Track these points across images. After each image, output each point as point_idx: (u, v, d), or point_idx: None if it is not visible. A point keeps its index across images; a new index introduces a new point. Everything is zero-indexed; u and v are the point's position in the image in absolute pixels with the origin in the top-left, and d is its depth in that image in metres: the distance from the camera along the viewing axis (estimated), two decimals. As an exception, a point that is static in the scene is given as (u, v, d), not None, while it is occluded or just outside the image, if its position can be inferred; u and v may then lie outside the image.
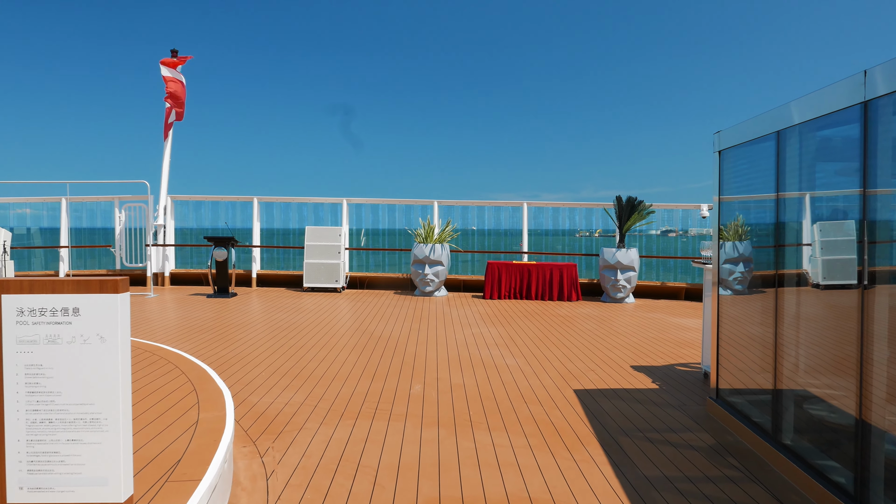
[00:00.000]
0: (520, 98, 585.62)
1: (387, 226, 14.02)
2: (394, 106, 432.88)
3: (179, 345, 7.19)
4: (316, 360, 6.54)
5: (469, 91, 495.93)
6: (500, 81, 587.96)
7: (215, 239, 11.91)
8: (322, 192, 13.24)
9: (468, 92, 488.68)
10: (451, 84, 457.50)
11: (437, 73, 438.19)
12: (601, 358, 6.85)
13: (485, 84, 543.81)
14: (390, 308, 10.62)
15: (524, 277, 12.17)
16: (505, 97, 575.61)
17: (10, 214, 14.17)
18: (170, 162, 14.01)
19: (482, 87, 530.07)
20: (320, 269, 12.86)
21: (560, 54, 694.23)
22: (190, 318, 9.26)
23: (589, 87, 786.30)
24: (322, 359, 6.59)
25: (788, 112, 3.66)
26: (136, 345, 6.40)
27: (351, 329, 8.47)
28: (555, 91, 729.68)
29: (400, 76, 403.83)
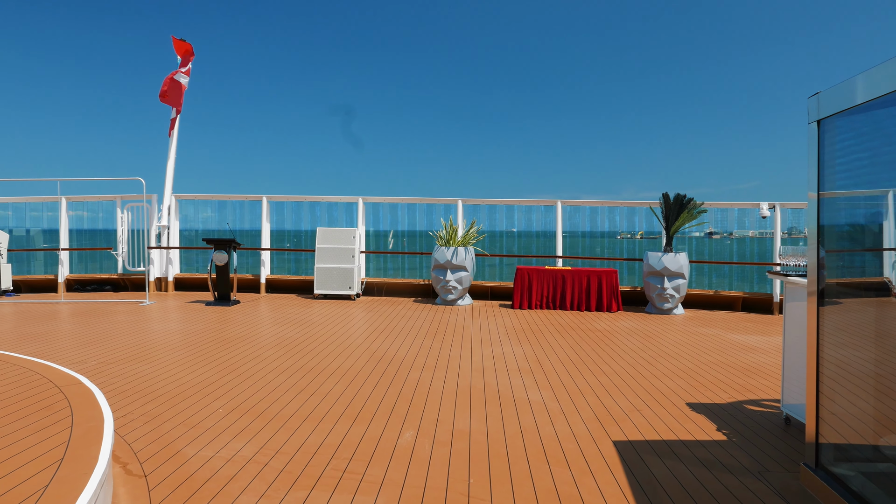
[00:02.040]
0: (553, 97, 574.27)
1: (406, 227, 12.81)
2: (418, 103, 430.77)
3: (130, 366, 6.07)
4: (293, 391, 5.33)
5: (498, 88, 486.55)
6: (532, 80, 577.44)
7: (215, 241, 10.86)
8: (337, 192, 12.02)
9: (497, 89, 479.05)
10: (483, 81, 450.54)
11: (468, 70, 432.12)
12: (648, 390, 5.50)
13: (515, 82, 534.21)
14: (404, 320, 9.39)
15: (558, 285, 10.82)
16: (538, 96, 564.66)
17: (9, 215, 13.38)
18: (175, 159, 13.04)
19: (514, 84, 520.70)
20: (332, 275, 11.71)
21: (602, 53, 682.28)
22: (169, 332, 8.17)
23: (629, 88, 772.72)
24: (301, 389, 5.38)
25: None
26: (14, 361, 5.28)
27: (351, 347, 7.25)
28: (592, 90, 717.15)
29: (427, 71, 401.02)
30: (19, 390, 4.35)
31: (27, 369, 4.84)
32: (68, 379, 4.26)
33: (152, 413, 4.63)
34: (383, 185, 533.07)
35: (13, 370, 4.83)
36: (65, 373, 4.46)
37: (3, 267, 12.38)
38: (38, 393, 4.15)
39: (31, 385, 4.38)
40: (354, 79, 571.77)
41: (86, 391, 3.89)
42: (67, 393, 3.94)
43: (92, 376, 5.72)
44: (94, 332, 8.20)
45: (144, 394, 5.17)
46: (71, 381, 4.18)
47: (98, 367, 6.09)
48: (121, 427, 4.29)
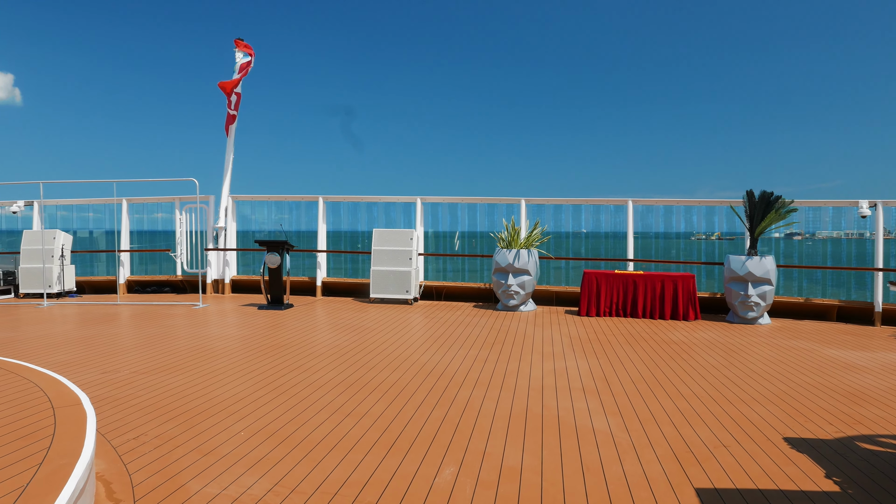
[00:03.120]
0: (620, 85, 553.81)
1: (466, 228, 12.19)
2: (473, 97, 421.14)
3: (162, 378, 5.67)
4: (328, 410, 4.79)
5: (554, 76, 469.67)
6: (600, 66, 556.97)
7: (267, 243, 10.53)
8: (395, 192, 11.53)
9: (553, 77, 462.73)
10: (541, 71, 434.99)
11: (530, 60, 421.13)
12: (736, 419, 4.68)
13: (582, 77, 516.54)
14: (461, 327, 8.77)
15: (629, 290, 9.98)
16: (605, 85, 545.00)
17: (74, 217, 13.51)
18: (233, 159, 12.84)
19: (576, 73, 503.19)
20: (389, 278, 11.21)
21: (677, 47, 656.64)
22: (214, 338, 7.81)
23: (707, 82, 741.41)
24: (337, 408, 4.83)
25: None
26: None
27: (401, 358, 6.69)
28: (665, 85, 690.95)
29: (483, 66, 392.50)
30: (4, 411, 3.96)
31: (33, 384, 4.47)
32: (69, 398, 3.84)
33: (168, 435, 4.17)
34: (442, 184, 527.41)
35: (13, 384, 4.48)
36: (69, 390, 4.05)
37: (66, 268, 12.47)
38: (24, 414, 3.74)
39: (22, 404, 3.99)
40: (404, 76, 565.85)
41: (79, 415, 3.43)
42: (59, 417, 3.50)
43: (118, 389, 5.35)
44: (139, 337, 7.94)
45: (167, 410, 4.74)
46: (70, 402, 3.75)
47: (127, 379, 5.73)
48: (129, 451, 3.84)
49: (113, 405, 4.86)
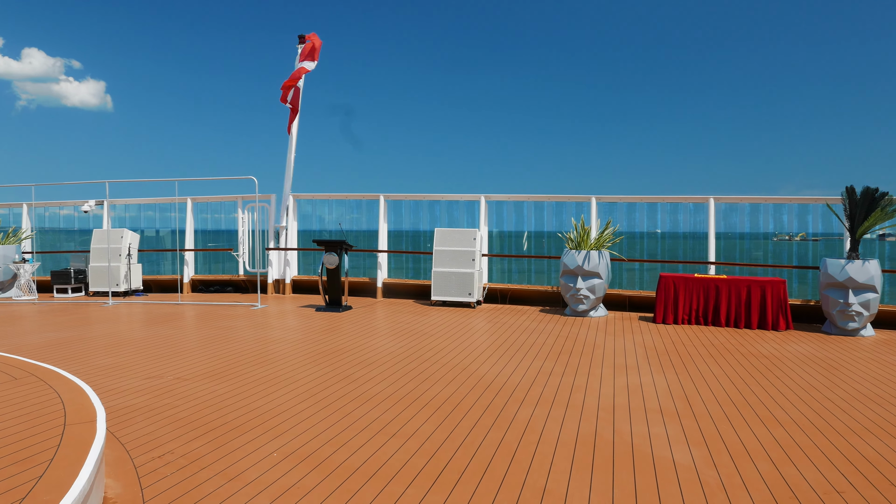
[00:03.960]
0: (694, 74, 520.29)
1: (533, 227, 11.58)
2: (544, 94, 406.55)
3: (204, 385, 5.35)
4: (372, 428, 4.32)
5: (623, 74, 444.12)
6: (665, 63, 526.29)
7: (325, 243, 10.22)
8: (458, 189, 11.08)
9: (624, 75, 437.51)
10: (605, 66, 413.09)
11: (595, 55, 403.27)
12: (847, 454, 3.95)
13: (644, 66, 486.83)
14: (526, 333, 8.19)
15: (710, 296, 9.15)
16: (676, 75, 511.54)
17: (142, 216, 13.64)
18: (294, 157, 12.65)
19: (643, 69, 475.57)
20: (451, 280, 10.73)
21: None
22: (266, 342, 7.51)
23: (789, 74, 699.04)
24: (383, 427, 4.36)
25: None
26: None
27: (458, 368, 6.18)
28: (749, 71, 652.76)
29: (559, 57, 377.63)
30: (24, 426, 3.66)
31: (56, 394, 4.19)
32: (85, 414, 3.50)
33: (195, 454, 3.80)
34: (507, 181, 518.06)
35: (35, 394, 4.20)
36: (90, 404, 3.72)
37: (133, 267, 12.56)
38: (32, 433, 3.42)
39: (34, 419, 3.68)
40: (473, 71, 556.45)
41: (86, 437, 3.07)
42: (66, 437, 3.14)
43: (156, 398, 5.06)
44: (191, 339, 7.73)
45: (201, 423, 4.38)
46: (85, 419, 3.40)
47: (169, 386, 5.44)
48: (150, 473, 3.48)
49: (147, 416, 4.55)
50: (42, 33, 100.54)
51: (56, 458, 2.79)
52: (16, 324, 9.12)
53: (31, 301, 12.00)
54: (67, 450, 2.88)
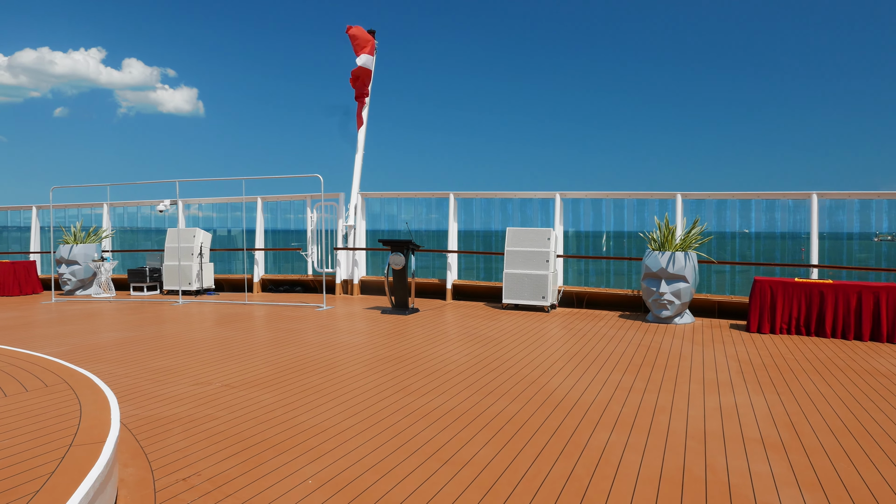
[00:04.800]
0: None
1: (612, 227, 10.82)
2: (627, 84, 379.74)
3: (250, 394, 4.98)
4: (422, 453, 3.82)
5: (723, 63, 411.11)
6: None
7: (391, 243, 9.82)
8: (532, 187, 10.48)
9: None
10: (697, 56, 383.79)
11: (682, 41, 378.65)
12: None
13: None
14: (603, 342, 7.51)
15: (813, 302, 8.18)
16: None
17: (213, 217, 13.70)
18: (363, 155, 12.35)
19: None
20: (523, 282, 10.13)
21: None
22: (324, 346, 7.15)
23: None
24: (435, 451, 3.85)
25: None
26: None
27: (526, 381, 5.61)
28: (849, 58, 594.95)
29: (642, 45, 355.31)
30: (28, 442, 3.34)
31: (77, 406, 3.88)
32: (98, 433, 3.14)
33: (225, 477, 3.40)
34: (583, 178, 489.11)
35: (59, 402, 3.91)
36: (107, 419, 3.38)
37: (205, 266, 12.59)
38: (36, 452, 3.10)
39: (48, 432, 3.37)
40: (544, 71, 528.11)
41: (85, 460, 2.69)
42: (67, 459, 2.78)
43: (198, 407, 4.73)
44: (250, 342, 7.47)
45: (239, 439, 4.00)
46: (95, 438, 3.04)
47: (214, 394, 5.13)
48: (169, 499, 3.10)
49: (184, 427, 4.22)
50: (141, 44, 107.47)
51: (43, 489, 2.42)
52: (85, 322, 9.17)
53: (107, 299, 12.20)
54: (62, 477, 2.51)
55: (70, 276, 12.98)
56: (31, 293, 13.48)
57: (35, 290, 13.63)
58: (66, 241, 13.10)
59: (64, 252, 12.95)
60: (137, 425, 4.29)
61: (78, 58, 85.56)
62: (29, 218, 14.81)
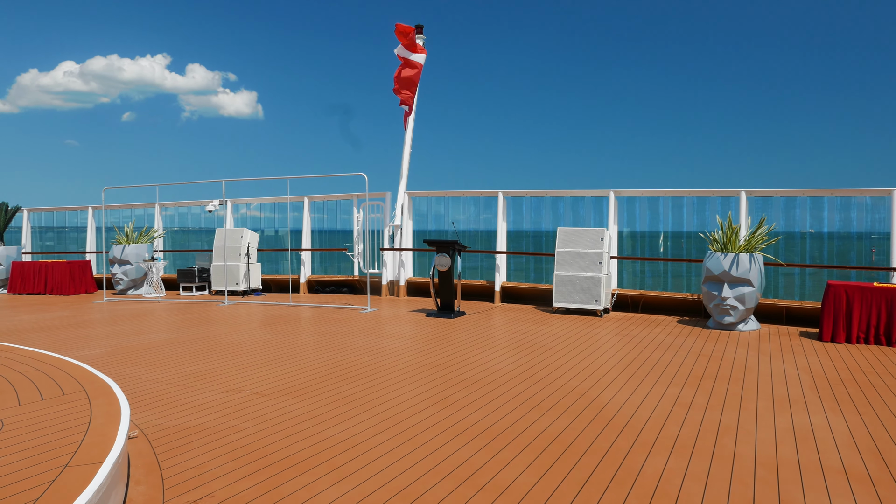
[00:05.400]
0: None
1: (670, 227, 10.24)
2: (677, 79, 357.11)
3: (279, 403, 4.71)
4: (454, 478, 3.47)
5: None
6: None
7: (437, 243, 9.50)
8: (584, 185, 10.01)
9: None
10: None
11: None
12: None
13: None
14: (660, 350, 7.01)
15: (895, 310, 7.47)
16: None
17: (262, 217, 13.66)
18: (410, 153, 12.08)
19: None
20: (574, 285, 9.66)
21: None
22: (363, 351, 6.87)
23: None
24: (469, 475, 3.49)
25: None
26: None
27: (575, 393, 5.18)
28: None
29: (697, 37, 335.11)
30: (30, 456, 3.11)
31: (86, 418, 3.67)
32: (98, 452, 2.89)
33: (239, 499, 3.12)
34: (640, 175, 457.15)
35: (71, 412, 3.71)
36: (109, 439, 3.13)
37: (252, 266, 12.53)
38: (39, 469, 2.86)
39: (50, 451, 3.14)
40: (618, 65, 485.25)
41: (74, 486, 2.44)
42: (59, 484, 2.53)
43: (223, 418, 4.49)
44: (288, 346, 7.26)
45: (260, 455, 3.73)
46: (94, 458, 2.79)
47: (243, 403, 4.89)
48: (175, 526, 2.83)
49: (206, 440, 3.97)
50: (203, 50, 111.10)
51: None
52: (130, 322, 9.16)
53: (156, 298, 12.26)
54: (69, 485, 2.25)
55: (122, 276, 13.13)
56: (85, 292, 13.71)
57: (89, 290, 13.86)
58: (119, 241, 13.27)
59: (117, 252, 13.11)
60: (159, 436, 4.07)
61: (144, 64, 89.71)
62: (86, 218, 15.09)
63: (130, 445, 3.89)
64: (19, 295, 13.50)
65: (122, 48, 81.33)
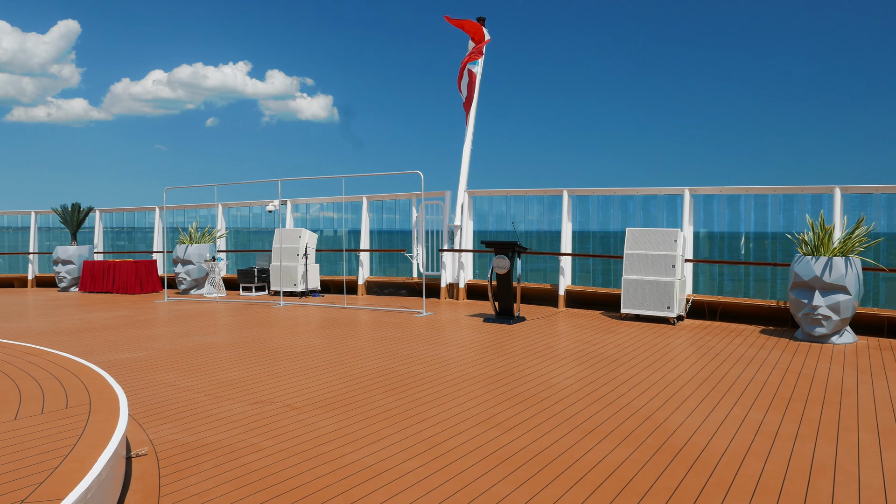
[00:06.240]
0: None
1: (752, 227, 9.35)
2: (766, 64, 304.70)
3: (308, 417, 4.29)
4: (488, 496, 2.94)
5: None
6: None
7: (495, 244, 8.96)
8: (656, 182, 9.22)
9: None
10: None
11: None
12: None
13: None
14: (740, 365, 6.25)
15: None
16: None
17: (320, 217, 13.45)
18: (470, 150, 11.59)
19: None
20: (645, 289, 8.92)
21: None
22: (411, 360, 6.42)
23: None
24: (494, 503, 2.96)
25: None
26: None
27: (637, 416, 4.56)
28: None
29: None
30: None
31: (80, 430, 3.32)
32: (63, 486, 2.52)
33: (232, 540, 2.70)
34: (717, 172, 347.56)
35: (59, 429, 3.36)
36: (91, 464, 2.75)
37: (310, 267, 12.33)
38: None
39: (19, 480, 2.78)
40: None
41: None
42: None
43: (242, 435, 4.11)
44: (333, 352, 6.89)
45: (274, 482, 3.31)
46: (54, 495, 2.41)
47: (271, 417, 4.51)
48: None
49: (219, 461, 3.59)
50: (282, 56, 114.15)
51: None
52: (183, 324, 9.04)
53: (216, 299, 12.22)
54: None
55: (185, 276, 13.19)
56: (150, 291, 13.86)
57: (155, 289, 14.01)
58: (182, 241, 13.34)
59: (180, 252, 13.18)
60: (171, 454, 3.73)
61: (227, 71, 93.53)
62: (154, 219, 15.31)
63: (135, 465, 3.56)
64: (89, 293, 13.78)
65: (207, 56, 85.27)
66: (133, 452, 3.70)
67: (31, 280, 15.82)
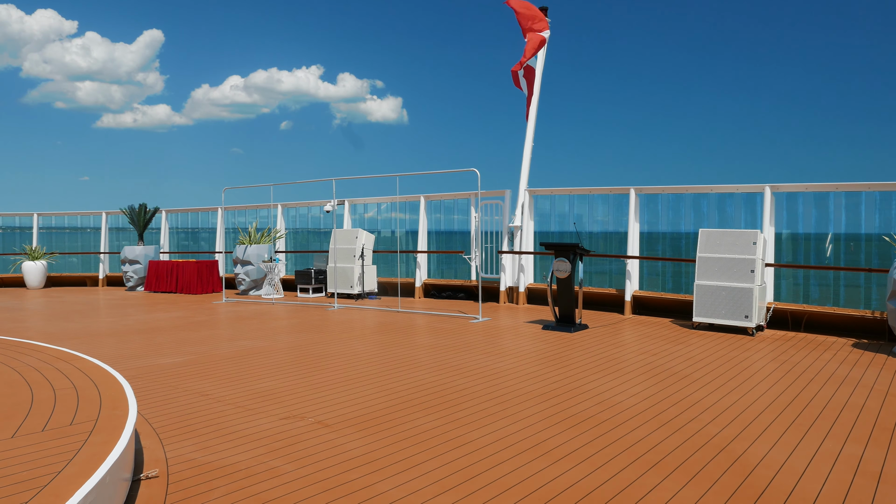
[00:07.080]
0: None
1: (843, 228, 8.46)
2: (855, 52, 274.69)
3: (339, 436, 3.90)
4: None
5: None
6: None
7: (555, 247, 8.40)
8: (733, 179, 8.48)
9: None
10: None
11: None
12: None
13: None
14: (830, 385, 5.51)
15: None
16: None
17: (378, 219, 13.18)
18: (531, 147, 11.04)
19: None
20: (720, 296, 8.18)
21: None
22: (462, 371, 5.97)
23: None
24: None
25: None
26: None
27: (709, 447, 3.97)
28: None
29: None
30: None
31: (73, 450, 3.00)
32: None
33: None
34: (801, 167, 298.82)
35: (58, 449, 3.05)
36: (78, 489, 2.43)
37: (367, 269, 12.05)
38: None
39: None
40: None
41: None
42: None
43: (269, 455, 3.76)
44: (378, 361, 6.52)
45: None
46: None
47: (299, 435, 4.15)
48: None
49: (231, 486, 3.25)
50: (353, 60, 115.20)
51: None
52: (233, 326, 8.89)
53: (272, 300, 12.10)
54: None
55: (244, 277, 13.16)
56: (211, 291, 13.92)
57: (215, 289, 14.07)
58: (242, 241, 13.32)
59: (239, 252, 13.16)
60: (183, 477, 3.40)
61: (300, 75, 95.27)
62: (216, 219, 15.42)
63: (143, 488, 3.25)
64: (153, 293, 13.95)
65: (281, 61, 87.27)
66: (143, 474, 3.40)
67: (102, 279, 16.21)
